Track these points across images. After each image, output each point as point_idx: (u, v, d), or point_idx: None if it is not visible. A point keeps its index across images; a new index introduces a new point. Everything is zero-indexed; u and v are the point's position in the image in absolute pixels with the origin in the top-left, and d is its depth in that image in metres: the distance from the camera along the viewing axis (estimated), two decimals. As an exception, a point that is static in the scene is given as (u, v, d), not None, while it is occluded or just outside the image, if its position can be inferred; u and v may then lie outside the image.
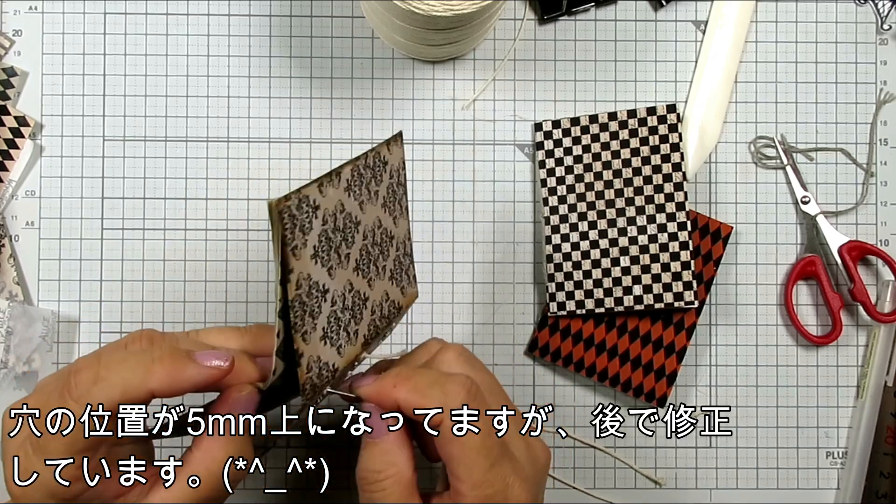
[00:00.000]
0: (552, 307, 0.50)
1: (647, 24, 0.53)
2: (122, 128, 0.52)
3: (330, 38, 0.52)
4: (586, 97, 0.53)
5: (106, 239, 0.52)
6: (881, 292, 0.53)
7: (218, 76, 0.52)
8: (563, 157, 0.51)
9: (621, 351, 0.51)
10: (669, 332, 0.51)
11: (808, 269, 0.52)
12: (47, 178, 0.52)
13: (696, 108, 0.53)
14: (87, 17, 0.52)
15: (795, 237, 0.53)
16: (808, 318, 0.53)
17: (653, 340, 0.51)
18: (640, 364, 0.50)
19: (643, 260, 0.50)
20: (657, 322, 0.51)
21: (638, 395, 0.50)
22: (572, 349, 0.51)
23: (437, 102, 0.53)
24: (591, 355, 0.51)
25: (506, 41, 0.53)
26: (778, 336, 0.53)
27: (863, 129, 0.54)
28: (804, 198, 0.53)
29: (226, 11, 0.52)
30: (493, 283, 0.52)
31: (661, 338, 0.51)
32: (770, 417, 0.53)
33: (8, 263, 0.51)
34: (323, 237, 0.36)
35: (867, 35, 0.54)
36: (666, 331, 0.51)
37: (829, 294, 0.52)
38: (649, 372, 0.50)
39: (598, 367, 0.51)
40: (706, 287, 0.51)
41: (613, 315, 0.51)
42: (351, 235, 0.38)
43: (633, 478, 0.53)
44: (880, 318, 0.51)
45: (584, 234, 0.51)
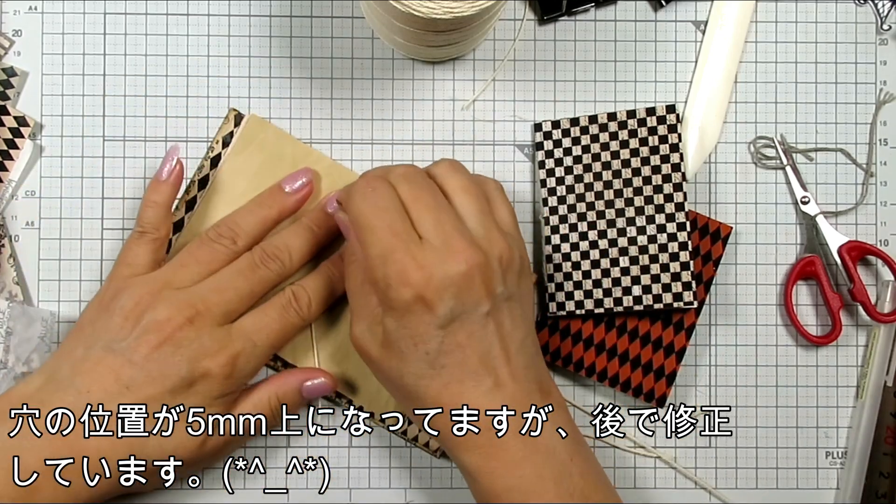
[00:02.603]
0: (551, 307, 0.50)
1: (646, 25, 0.53)
2: (123, 128, 0.52)
3: (330, 39, 0.52)
4: (586, 98, 0.53)
5: (106, 239, 0.52)
6: (881, 292, 0.53)
7: (218, 76, 0.52)
8: (563, 158, 0.51)
9: (621, 351, 0.51)
10: (669, 332, 0.51)
11: (807, 269, 0.52)
12: (47, 178, 0.52)
13: (696, 108, 0.53)
14: (87, 18, 0.52)
15: (795, 237, 0.53)
16: (807, 319, 0.53)
17: (652, 340, 0.51)
18: (640, 364, 0.50)
19: (642, 260, 0.50)
20: (657, 322, 0.51)
21: (637, 395, 0.50)
22: (572, 349, 0.51)
23: (437, 103, 0.53)
24: (591, 355, 0.51)
25: (505, 42, 0.53)
26: (777, 336, 0.53)
27: (862, 129, 0.54)
28: (804, 198, 0.53)
29: (226, 12, 0.52)
30: (493, 284, 0.52)
31: (661, 338, 0.51)
32: (770, 417, 0.53)
33: (8, 263, 0.51)
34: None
35: (867, 35, 0.54)
36: (665, 331, 0.51)
37: (829, 294, 0.52)
38: (649, 372, 0.50)
39: (598, 367, 0.51)
40: (705, 287, 0.51)
41: (613, 315, 0.51)
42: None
43: (632, 478, 0.53)
44: (880, 318, 0.51)
45: (584, 234, 0.51)
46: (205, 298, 0.44)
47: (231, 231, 0.47)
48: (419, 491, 0.52)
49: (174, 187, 0.48)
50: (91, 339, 0.45)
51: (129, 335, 0.44)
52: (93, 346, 0.44)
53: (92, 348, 0.44)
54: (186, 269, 0.46)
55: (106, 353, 0.44)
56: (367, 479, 0.52)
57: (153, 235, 0.47)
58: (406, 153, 0.52)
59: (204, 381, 0.43)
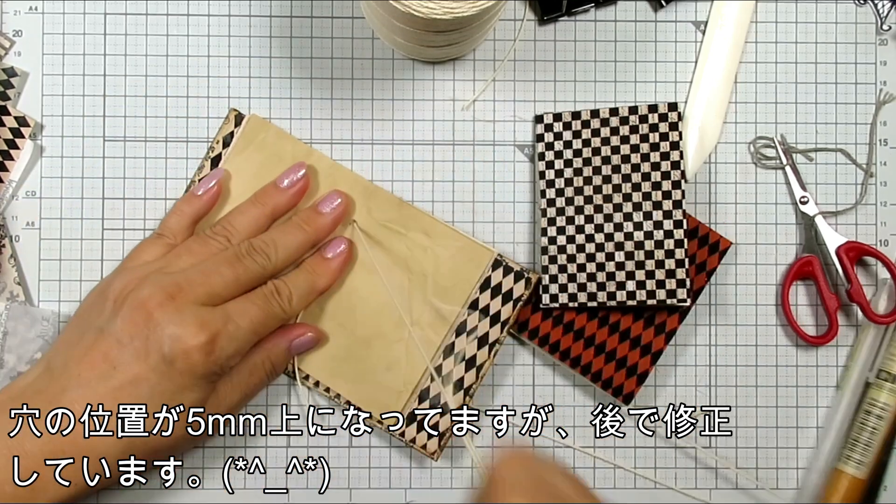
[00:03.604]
0: (545, 299, 0.51)
1: (647, 25, 0.53)
2: (123, 128, 0.52)
3: (330, 39, 0.53)
4: (586, 98, 0.53)
5: (106, 239, 0.52)
6: (878, 293, 0.53)
7: (218, 77, 0.52)
8: (563, 150, 0.51)
9: (598, 342, 0.51)
10: (649, 332, 0.51)
11: (805, 269, 0.52)
12: (48, 178, 0.52)
13: (696, 108, 0.53)
14: (87, 18, 0.52)
15: (795, 238, 0.53)
16: (805, 319, 0.53)
17: (631, 338, 0.51)
18: (615, 358, 0.51)
19: (638, 256, 0.50)
20: (639, 321, 0.51)
21: (606, 387, 0.51)
22: (561, 337, 0.51)
23: (437, 103, 0.53)
24: (579, 347, 0.51)
25: (506, 42, 0.53)
26: (777, 336, 0.53)
27: (862, 129, 0.54)
28: (803, 198, 0.53)
29: (226, 12, 0.52)
30: (493, 284, 0.52)
31: (640, 337, 0.51)
32: (769, 417, 0.53)
33: (9, 264, 0.51)
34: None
35: (867, 35, 0.54)
36: (646, 331, 0.51)
37: (826, 294, 0.52)
38: (622, 368, 0.51)
39: (576, 355, 0.51)
40: (694, 296, 0.51)
41: (604, 309, 0.51)
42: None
43: (632, 478, 0.53)
44: (876, 319, 0.51)
45: (580, 227, 0.51)
46: (189, 279, 0.45)
47: (225, 230, 0.48)
48: (419, 491, 0.52)
49: (206, 206, 0.49)
50: (85, 325, 0.45)
51: (116, 316, 0.44)
52: (86, 331, 0.45)
53: (85, 333, 0.45)
54: (179, 259, 0.47)
55: (97, 336, 0.44)
56: (367, 479, 0.52)
57: (169, 241, 0.48)
58: (406, 153, 0.53)
59: (185, 358, 0.43)
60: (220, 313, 0.45)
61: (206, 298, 0.45)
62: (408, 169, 0.53)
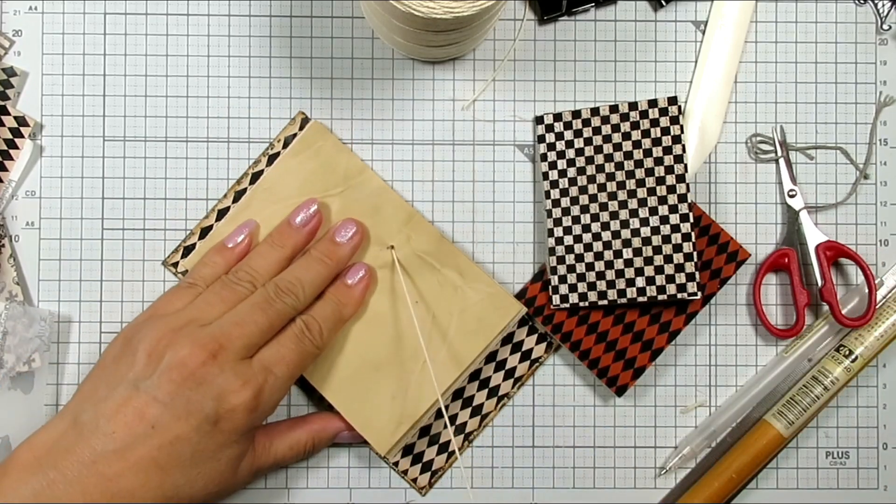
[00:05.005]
0: (555, 300, 0.50)
1: (646, 25, 0.53)
2: (123, 128, 0.52)
3: (330, 39, 0.53)
4: (586, 97, 0.53)
5: (106, 239, 0.52)
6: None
7: (218, 76, 0.52)
8: (565, 150, 0.51)
9: (602, 331, 0.51)
10: (653, 329, 0.51)
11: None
12: (47, 178, 0.52)
13: (696, 108, 0.53)
14: (87, 18, 0.52)
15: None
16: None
17: (634, 331, 0.51)
18: (614, 349, 0.51)
19: (646, 252, 0.50)
20: (645, 316, 0.51)
21: (602, 376, 0.50)
22: (574, 328, 0.51)
23: (437, 103, 0.53)
24: (591, 340, 0.51)
25: (506, 42, 0.53)
26: (777, 336, 0.53)
27: (862, 129, 0.54)
28: (791, 191, 0.53)
29: (226, 12, 0.52)
30: (493, 284, 0.52)
31: (643, 332, 0.51)
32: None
33: (8, 264, 0.51)
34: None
35: (867, 35, 0.54)
36: (650, 327, 0.51)
37: (798, 289, 0.52)
38: (620, 359, 0.51)
39: (581, 344, 0.51)
40: (704, 301, 0.51)
41: (616, 305, 0.51)
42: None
43: (632, 477, 0.53)
44: (843, 321, 0.51)
45: (587, 226, 0.51)
46: (226, 333, 0.44)
47: (249, 275, 0.48)
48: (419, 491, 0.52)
49: (237, 257, 0.49)
50: (114, 379, 0.44)
51: (153, 373, 0.43)
52: (116, 386, 0.43)
53: (115, 388, 0.43)
54: (211, 308, 0.46)
55: (130, 393, 0.43)
56: (367, 479, 0.52)
57: (200, 290, 0.48)
58: (406, 153, 0.53)
59: (230, 418, 0.43)
60: (258, 367, 0.45)
61: (245, 351, 0.45)
62: (408, 169, 0.53)
